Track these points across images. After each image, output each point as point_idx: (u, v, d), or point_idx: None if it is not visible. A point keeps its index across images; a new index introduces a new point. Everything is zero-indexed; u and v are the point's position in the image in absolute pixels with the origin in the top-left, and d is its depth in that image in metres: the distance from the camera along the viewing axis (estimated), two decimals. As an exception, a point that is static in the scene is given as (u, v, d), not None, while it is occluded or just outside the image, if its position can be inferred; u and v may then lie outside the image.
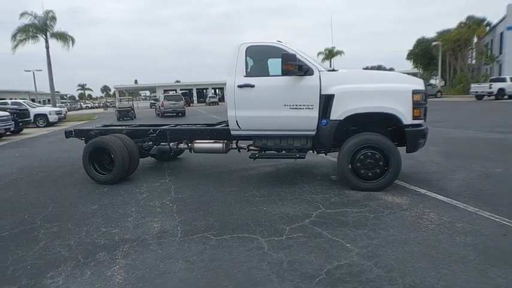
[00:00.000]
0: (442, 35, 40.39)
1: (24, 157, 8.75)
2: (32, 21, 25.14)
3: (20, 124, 14.79)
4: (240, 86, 4.67)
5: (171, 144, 5.69)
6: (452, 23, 50.55)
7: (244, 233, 3.21)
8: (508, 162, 5.57)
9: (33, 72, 42.07)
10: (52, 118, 19.00)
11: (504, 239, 2.88)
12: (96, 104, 70.48)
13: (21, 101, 20.96)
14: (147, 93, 66.75)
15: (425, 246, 2.80)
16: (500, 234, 2.96)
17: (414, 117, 4.13)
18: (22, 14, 24.70)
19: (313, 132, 4.51)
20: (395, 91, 4.21)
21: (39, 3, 77.74)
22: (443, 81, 43.27)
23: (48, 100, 40.91)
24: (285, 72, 4.32)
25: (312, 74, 4.43)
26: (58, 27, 26.73)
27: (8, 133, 13.90)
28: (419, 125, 4.23)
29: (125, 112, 23.39)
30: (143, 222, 3.64)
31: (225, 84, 4.81)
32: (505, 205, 3.63)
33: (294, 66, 4.27)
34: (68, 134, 6.31)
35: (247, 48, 4.75)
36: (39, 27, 25.42)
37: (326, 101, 4.35)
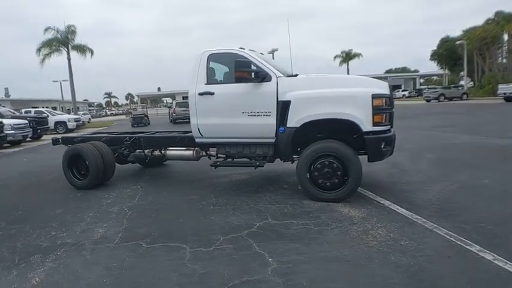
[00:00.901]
0: (468, 33, 38.35)
1: (30, 162, 9.24)
2: (54, 35, 26.75)
3: (39, 131, 15.66)
4: (200, 94, 4.65)
5: (146, 151, 5.77)
6: (480, 20, 47.66)
7: (176, 242, 3.16)
8: (499, 172, 5.12)
9: (60, 83, 44.66)
10: (71, 125, 20.11)
11: (446, 262, 2.61)
12: (120, 111, 73.40)
13: (43, 109, 22.37)
14: (169, 100, 68.66)
15: (353, 265, 2.62)
16: (445, 256, 2.70)
17: (375, 124, 3.90)
18: (46, 29, 26.44)
19: (273, 140, 4.39)
20: (352, 96, 4.01)
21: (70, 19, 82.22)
22: (471, 82, 41.02)
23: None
24: (238, 80, 4.26)
25: (270, 81, 4.32)
26: (78, 39, 28.32)
27: (28, 139, 14.78)
28: (382, 132, 3.99)
29: (139, 119, 24.13)
30: (92, 228, 3.70)
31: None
32: (471, 222, 3.31)
33: (246, 73, 4.19)
34: (55, 141, 6.57)
35: (208, 55, 4.73)
36: (62, 41, 26.98)
37: (283, 108, 4.22)
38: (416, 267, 2.53)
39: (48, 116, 18.87)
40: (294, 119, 4.16)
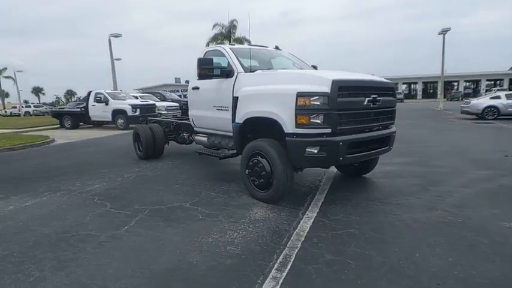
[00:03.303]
0: None
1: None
2: (220, 30, 31.96)
3: (188, 112, 19.91)
4: (192, 88, 5.33)
5: (184, 134, 6.96)
6: None
7: (135, 205, 4.14)
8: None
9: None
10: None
11: None
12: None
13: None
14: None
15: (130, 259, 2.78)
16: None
17: (298, 125, 3.54)
18: (214, 25, 31.82)
19: (231, 134, 4.61)
20: (278, 94, 3.72)
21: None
22: None
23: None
24: (200, 76, 4.65)
25: (232, 76, 4.52)
26: (238, 33, 32.55)
27: (179, 118, 19.20)
28: (311, 135, 3.56)
29: None
30: (91, 184, 5.11)
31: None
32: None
33: (207, 70, 4.53)
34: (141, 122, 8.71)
35: (205, 52, 5.30)
36: (225, 35, 31.94)
37: (235, 104, 4.37)
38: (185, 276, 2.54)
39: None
40: (239, 115, 4.26)
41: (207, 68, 4.57)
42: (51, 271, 2.52)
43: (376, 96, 3.88)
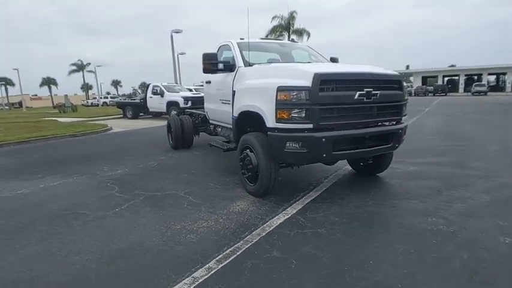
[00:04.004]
0: None
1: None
2: (279, 22, 31.81)
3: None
4: (206, 82, 5.54)
5: (210, 126, 7.26)
6: None
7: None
8: None
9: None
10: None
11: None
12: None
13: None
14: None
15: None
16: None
17: (278, 120, 3.47)
18: (273, 18, 31.81)
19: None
20: (262, 88, 3.66)
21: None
22: None
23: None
24: (205, 71, 4.78)
25: (233, 71, 4.59)
26: (297, 24, 32.04)
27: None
28: (290, 130, 3.45)
29: None
30: (115, 169, 5.69)
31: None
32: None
33: (210, 65, 4.66)
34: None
35: (219, 47, 5.45)
36: (284, 27, 31.71)
37: (233, 97, 4.44)
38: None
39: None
40: (235, 109, 4.33)
41: (211, 63, 4.71)
42: (35, 241, 2.96)
43: (371, 89, 3.59)
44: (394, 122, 4.05)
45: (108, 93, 70.09)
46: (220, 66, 4.73)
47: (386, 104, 3.82)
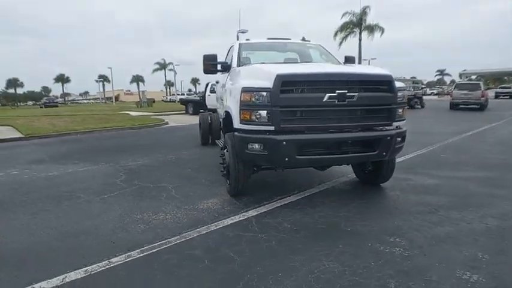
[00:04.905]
0: None
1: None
2: (350, 19, 30.26)
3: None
4: (216, 82, 5.76)
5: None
6: None
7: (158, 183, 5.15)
8: None
9: (369, 61, 49.00)
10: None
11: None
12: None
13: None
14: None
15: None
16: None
17: (242, 121, 3.47)
18: (343, 14, 30.42)
19: (229, 126, 4.80)
20: (232, 89, 3.68)
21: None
22: None
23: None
24: (206, 71, 4.95)
25: (228, 71, 4.69)
26: (370, 20, 30.05)
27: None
28: (252, 132, 3.41)
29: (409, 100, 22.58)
30: (136, 160, 6.31)
31: None
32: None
33: (210, 66, 4.82)
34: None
35: (229, 48, 5.61)
36: (355, 23, 30.08)
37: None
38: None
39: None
40: (223, 109, 4.43)
41: (210, 64, 4.89)
42: (27, 215, 3.56)
43: (345, 91, 3.32)
44: (382, 127, 3.65)
45: (189, 90, 76.40)
46: (219, 67, 4.88)
47: (367, 108, 3.48)
